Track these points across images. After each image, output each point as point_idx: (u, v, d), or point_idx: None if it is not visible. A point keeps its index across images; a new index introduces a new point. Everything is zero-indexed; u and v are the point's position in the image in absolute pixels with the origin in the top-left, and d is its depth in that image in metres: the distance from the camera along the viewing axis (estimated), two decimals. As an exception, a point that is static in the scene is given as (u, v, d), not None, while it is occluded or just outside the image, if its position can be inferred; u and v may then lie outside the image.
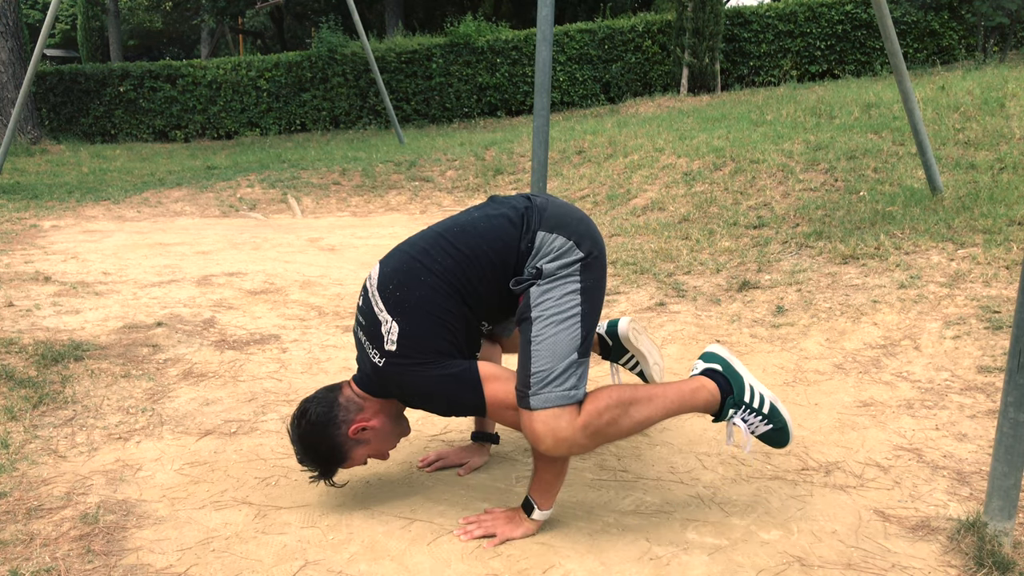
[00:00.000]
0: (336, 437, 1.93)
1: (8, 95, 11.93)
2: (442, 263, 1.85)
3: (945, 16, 13.07)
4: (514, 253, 1.84)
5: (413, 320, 1.82)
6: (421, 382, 1.83)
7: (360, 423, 1.94)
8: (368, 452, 2.00)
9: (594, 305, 1.84)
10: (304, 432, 1.93)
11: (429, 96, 14.86)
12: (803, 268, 3.98)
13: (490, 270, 1.85)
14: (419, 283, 1.84)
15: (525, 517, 1.93)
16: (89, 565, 1.80)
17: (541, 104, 3.36)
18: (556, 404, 1.74)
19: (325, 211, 7.35)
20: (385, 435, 2.00)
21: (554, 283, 1.81)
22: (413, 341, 1.81)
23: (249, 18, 24.61)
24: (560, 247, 1.83)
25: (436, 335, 1.82)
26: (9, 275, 4.28)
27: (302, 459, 1.96)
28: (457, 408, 1.90)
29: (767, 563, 1.82)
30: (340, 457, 1.96)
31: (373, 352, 1.87)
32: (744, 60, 14.09)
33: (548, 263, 1.82)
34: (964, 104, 6.77)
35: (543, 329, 1.78)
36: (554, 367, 1.76)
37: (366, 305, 1.91)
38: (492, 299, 1.88)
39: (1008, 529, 1.82)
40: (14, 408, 2.60)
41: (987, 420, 2.49)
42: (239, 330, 3.53)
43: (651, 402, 1.84)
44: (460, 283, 1.84)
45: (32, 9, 27.90)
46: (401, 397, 1.93)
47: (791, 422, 1.93)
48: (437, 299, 1.83)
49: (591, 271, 1.84)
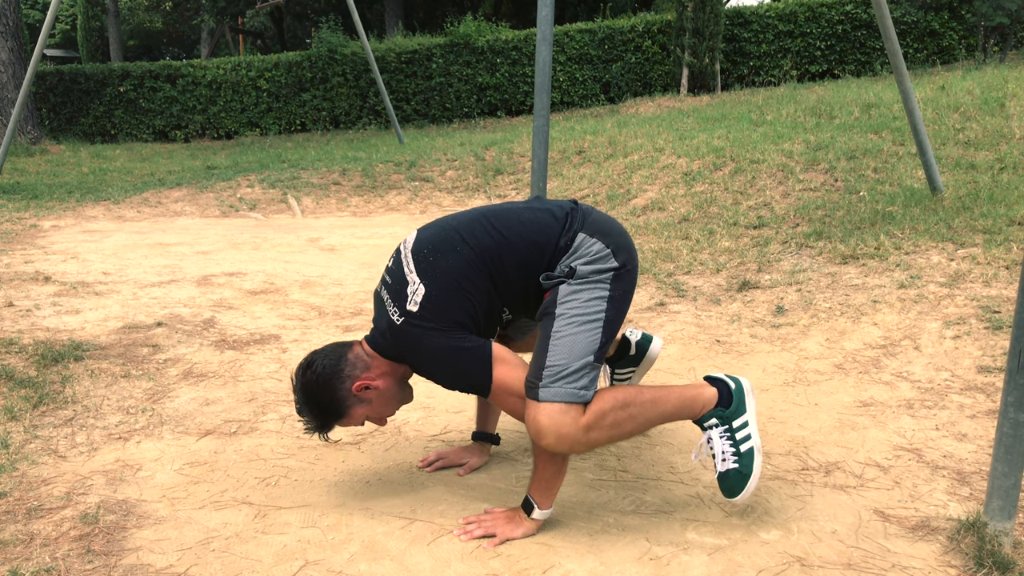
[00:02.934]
0: (339, 391, 1.92)
1: (8, 95, 11.93)
2: (480, 240, 1.88)
3: (945, 16, 13.06)
4: (551, 247, 1.87)
5: (440, 286, 1.84)
6: (434, 348, 1.84)
7: (365, 381, 1.94)
8: (368, 413, 1.99)
9: (618, 315, 1.87)
10: (308, 381, 1.92)
11: (429, 96, 14.85)
12: (803, 268, 3.98)
13: (525, 257, 1.87)
14: (454, 252, 1.87)
15: (525, 517, 1.93)
16: (89, 565, 1.80)
17: (541, 104, 3.36)
18: (564, 400, 1.75)
19: (325, 211, 7.35)
20: (387, 398, 2.00)
21: (584, 285, 1.84)
22: (435, 306, 1.82)
23: (249, 18, 24.61)
24: (597, 252, 1.86)
25: (459, 306, 1.84)
26: (9, 275, 4.28)
27: (301, 409, 1.95)
28: (462, 382, 1.89)
29: (767, 563, 1.82)
30: (339, 412, 1.95)
31: (394, 310, 1.88)
32: (744, 60, 14.08)
33: (583, 265, 1.85)
34: (964, 104, 6.77)
35: (564, 326, 1.80)
36: (568, 364, 1.77)
37: (396, 266, 1.93)
38: (520, 288, 1.90)
39: (1008, 529, 1.82)
40: (14, 408, 2.60)
41: (987, 420, 2.49)
42: (239, 330, 3.53)
43: (654, 405, 1.86)
44: (493, 263, 1.87)
45: (32, 9, 27.90)
46: (410, 362, 1.92)
47: (755, 480, 1.86)
48: (467, 272, 1.85)
49: (622, 282, 1.87)
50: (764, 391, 2.88)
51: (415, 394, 2.88)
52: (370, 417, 2.01)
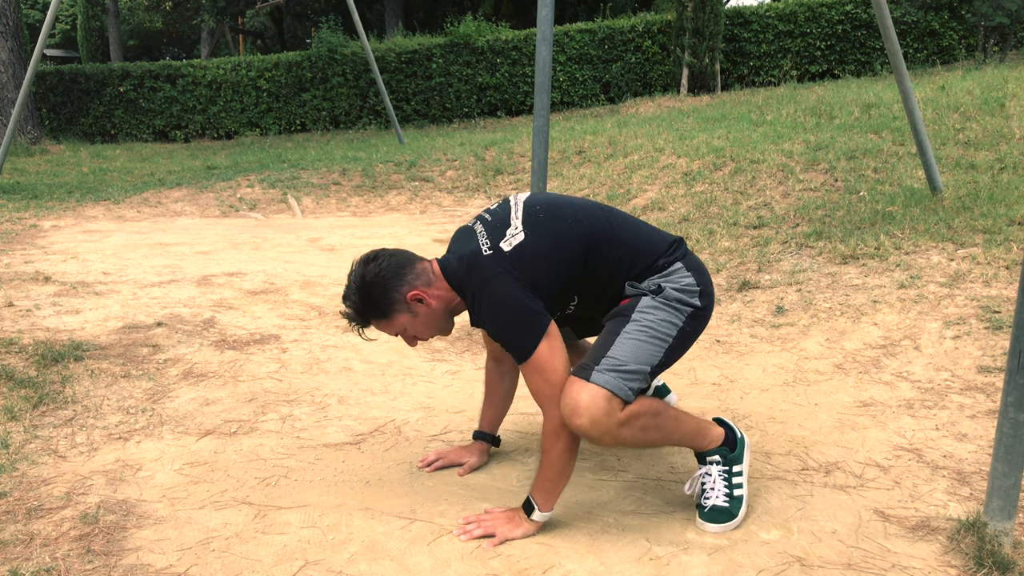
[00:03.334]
0: (393, 291, 1.93)
1: (8, 95, 11.93)
2: (592, 224, 1.94)
3: (945, 16, 13.06)
4: (649, 261, 1.95)
5: (539, 242, 1.88)
6: (502, 292, 1.85)
7: (421, 292, 1.95)
8: (408, 325, 1.99)
9: (681, 348, 1.94)
10: (366, 272, 1.94)
11: (429, 96, 14.85)
12: (803, 268, 3.98)
13: (623, 257, 1.94)
14: (564, 222, 1.93)
15: (525, 518, 1.94)
16: (89, 565, 1.80)
17: (541, 104, 3.36)
18: (612, 389, 1.79)
19: (325, 211, 7.35)
20: (432, 319, 2.00)
21: (665, 306, 1.90)
22: (526, 257, 1.86)
23: (249, 18, 24.60)
24: (687, 284, 1.94)
25: (546, 268, 1.87)
26: (9, 275, 4.28)
27: (348, 295, 1.96)
28: (507, 336, 1.89)
29: (767, 563, 1.82)
30: (384, 311, 1.95)
31: (485, 242, 1.90)
32: (744, 60, 14.08)
33: (671, 288, 1.92)
34: (964, 104, 6.77)
35: (636, 332, 1.87)
36: (628, 363, 1.83)
37: (502, 209, 1.98)
38: (602, 284, 1.95)
39: (1008, 529, 1.82)
40: (14, 408, 2.60)
41: (987, 420, 2.49)
42: (239, 330, 3.53)
43: (676, 423, 1.95)
44: (593, 250, 1.91)
45: (32, 9, 27.89)
46: (471, 296, 1.92)
47: (735, 524, 1.95)
48: (568, 244, 1.90)
49: (695, 321, 1.95)
50: (764, 391, 2.88)
51: (415, 394, 2.89)
52: (407, 331, 2.01)
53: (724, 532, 1.95)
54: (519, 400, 2.81)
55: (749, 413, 2.68)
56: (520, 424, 2.64)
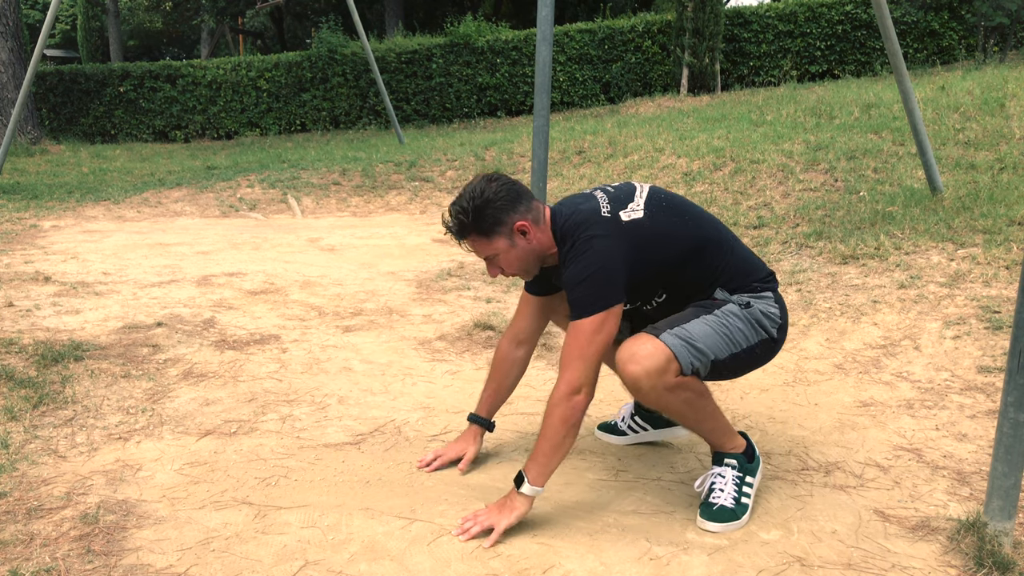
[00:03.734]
0: (504, 213, 1.97)
1: (8, 95, 11.92)
2: (704, 229, 2.03)
3: (945, 16, 13.06)
4: (746, 280, 2.03)
5: (655, 225, 1.95)
6: (604, 251, 1.90)
7: (528, 225, 1.98)
8: (502, 252, 2.01)
9: (743, 364, 2.02)
10: (487, 188, 1.97)
11: (429, 96, 14.85)
12: (803, 268, 3.98)
13: (721, 269, 2.01)
14: (681, 218, 2.01)
15: (515, 493, 1.94)
16: (89, 565, 1.80)
17: (541, 104, 3.37)
18: (676, 351, 1.87)
19: (325, 211, 7.35)
20: (526, 255, 2.03)
21: (748, 320, 1.98)
22: (639, 234, 1.93)
23: (249, 18, 24.60)
24: (772, 314, 2.02)
25: (652, 250, 1.94)
26: (9, 275, 4.28)
27: (460, 204, 1.98)
28: (582, 287, 1.91)
29: (767, 563, 1.82)
30: (488, 229, 1.97)
31: (606, 204, 1.97)
32: (744, 60, 14.08)
33: (759, 308, 2.00)
34: (964, 104, 6.77)
35: (715, 324, 1.94)
36: (698, 343, 1.90)
37: (626, 187, 2.05)
38: (693, 287, 2.02)
39: (1008, 529, 1.82)
40: (14, 408, 2.60)
41: (987, 420, 2.49)
42: (239, 330, 3.53)
43: (713, 413, 2.02)
44: (699, 251, 1.99)
45: (32, 9, 27.89)
46: (567, 244, 1.96)
47: (735, 527, 1.97)
48: (679, 238, 1.98)
49: (765, 349, 2.02)
50: (764, 391, 2.88)
51: (415, 394, 2.89)
52: (496, 256, 2.02)
53: (725, 532, 1.95)
54: (519, 400, 2.81)
55: (749, 413, 2.68)
56: (520, 424, 2.64)
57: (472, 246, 2.04)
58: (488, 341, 3.45)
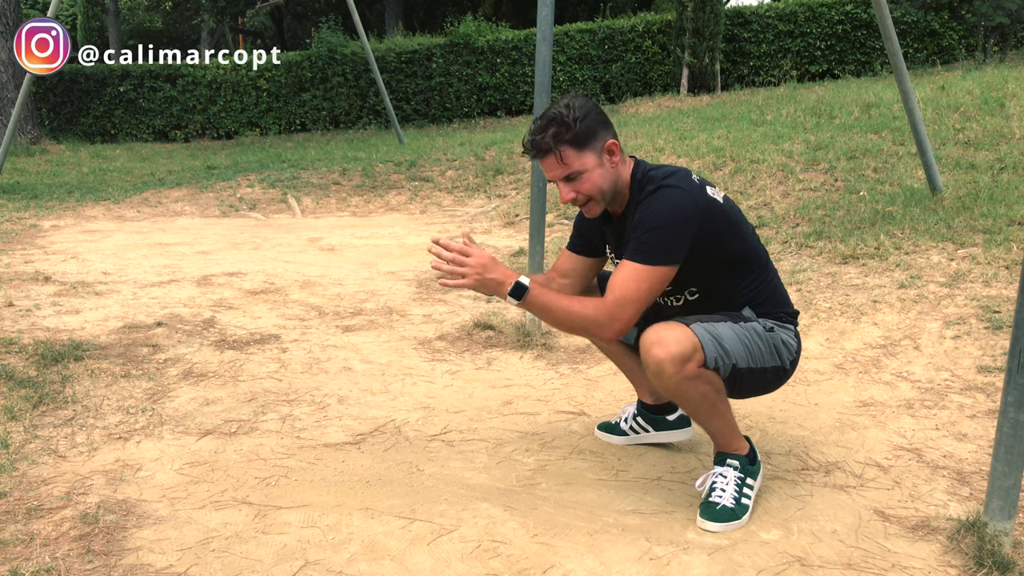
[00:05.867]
0: (602, 128, 1.98)
1: (8, 95, 11.91)
2: (759, 248, 2.09)
3: (945, 16, 13.05)
4: (775, 308, 2.08)
5: (729, 214, 2.01)
6: (684, 207, 1.92)
7: (616, 148, 2.00)
8: (590, 168, 1.97)
9: (752, 384, 2.04)
10: (585, 102, 1.97)
11: (429, 96, 14.84)
12: (803, 268, 3.98)
13: (759, 288, 2.07)
14: (746, 224, 2.09)
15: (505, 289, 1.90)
16: (89, 565, 1.80)
17: (541, 104, 3.37)
18: (705, 343, 1.90)
19: (325, 211, 7.35)
20: (609, 178, 2.00)
21: (768, 343, 2.02)
22: (713, 213, 1.96)
23: (249, 18, 24.59)
24: (791, 345, 2.07)
25: (714, 233, 1.96)
26: (9, 275, 4.28)
27: (553, 113, 1.95)
28: (650, 234, 1.92)
29: (767, 563, 1.82)
30: (585, 141, 1.95)
31: (696, 177, 2.02)
32: (744, 60, 14.07)
33: (781, 336, 2.05)
34: (964, 104, 6.77)
35: (741, 333, 1.97)
36: (725, 342, 1.93)
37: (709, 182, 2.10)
38: (725, 293, 2.05)
39: (1008, 529, 1.82)
40: (14, 408, 2.60)
41: (987, 420, 2.49)
42: (239, 330, 3.53)
43: (723, 411, 2.03)
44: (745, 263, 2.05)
45: (32, 9, 27.87)
46: (655, 188, 1.96)
47: (734, 527, 1.97)
48: (736, 241, 2.02)
49: (775, 375, 2.06)
50: (764, 391, 2.88)
51: (415, 394, 2.89)
52: (582, 175, 1.97)
53: (725, 532, 1.95)
54: (519, 400, 2.81)
55: (749, 413, 2.68)
56: (520, 424, 2.64)
57: (559, 160, 1.96)
58: (488, 341, 3.45)
